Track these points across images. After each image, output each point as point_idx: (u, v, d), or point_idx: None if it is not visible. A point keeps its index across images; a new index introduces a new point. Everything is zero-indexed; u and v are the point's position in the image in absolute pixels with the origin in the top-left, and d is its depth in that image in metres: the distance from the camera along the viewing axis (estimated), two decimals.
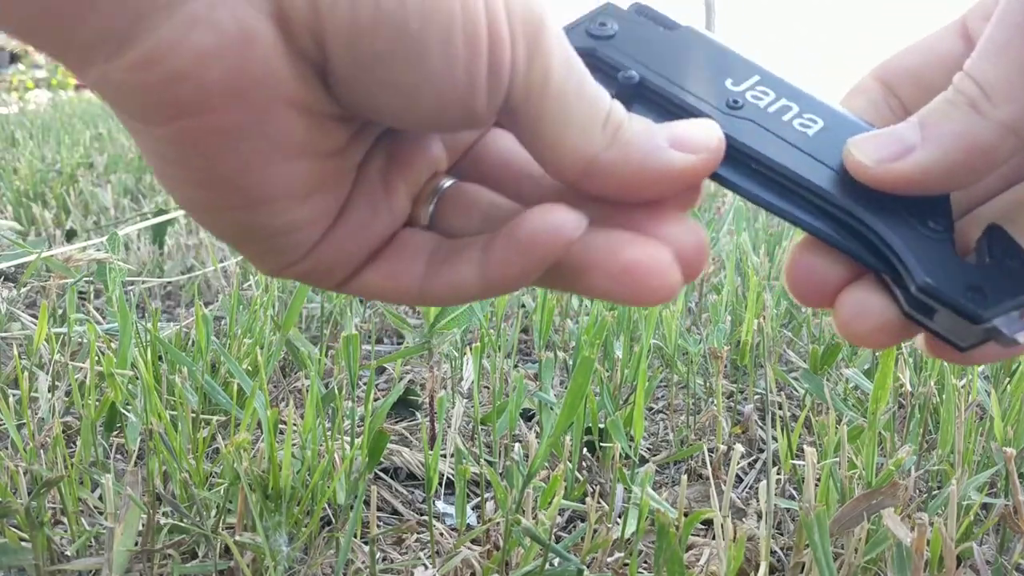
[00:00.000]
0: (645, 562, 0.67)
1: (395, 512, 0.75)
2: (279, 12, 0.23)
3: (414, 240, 0.31)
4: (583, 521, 0.73)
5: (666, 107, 0.31)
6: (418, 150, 0.32)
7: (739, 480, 0.83)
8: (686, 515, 0.62)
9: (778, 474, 0.77)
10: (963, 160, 0.28)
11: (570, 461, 0.70)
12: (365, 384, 0.96)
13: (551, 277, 0.29)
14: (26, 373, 0.79)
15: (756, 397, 0.98)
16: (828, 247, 0.30)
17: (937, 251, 0.29)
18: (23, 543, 0.59)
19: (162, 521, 0.61)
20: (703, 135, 0.29)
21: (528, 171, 0.32)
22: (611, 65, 0.31)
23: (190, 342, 0.96)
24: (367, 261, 0.31)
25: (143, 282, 1.34)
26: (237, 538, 0.59)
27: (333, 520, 0.66)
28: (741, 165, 0.30)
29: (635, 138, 0.28)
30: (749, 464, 0.86)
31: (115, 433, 0.79)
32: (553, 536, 0.64)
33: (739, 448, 0.61)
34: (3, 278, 1.32)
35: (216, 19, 0.23)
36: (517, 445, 0.64)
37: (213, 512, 0.63)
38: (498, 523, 0.64)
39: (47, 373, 0.89)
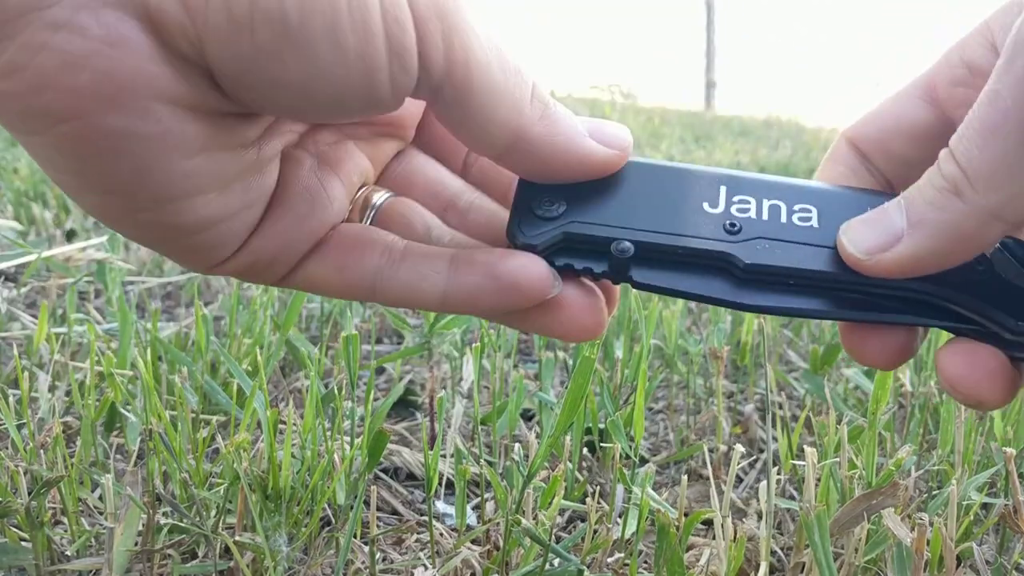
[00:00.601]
0: (645, 562, 0.67)
1: (395, 512, 0.75)
2: (148, 14, 0.23)
3: (366, 234, 0.31)
4: (583, 521, 0.73)
5: (670, 259, 0.29)
6: (343, 155, 0.32)
7: (739, 480, 0.83)
8: (686, 515, 0.62)
9: (778, 474, 0.77)
10: (949, 248, 0.28)
11: (570, 461, 0.70)
12: (365, 384, 0.96)
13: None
14: (26, 373, 0.79)
15: (756, 397, 0.98)
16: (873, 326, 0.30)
17: (998, 287, 0.29)
18: (23, 543, 0.59)
19: (162, 521, 0.61)
20: (620, 133, 0.30)
21: (453, 202, 0.33)
22: (592, 241, 0.30)
23: (190, 342, 0.96)
24: (311, 252, 0.31)
25: (143, 282, 1.34)
26: (237, 538, 0.59)
27: (333, 520, 0.66)
28: (777, 286, 0.29)
29: (562, 118, 0.29)
30: (749, 464, 0.86)
31: (115, 433, 0.79)
32: (553, 536, 0.64)
33: (739, 448, 0.61)
34: (3, 278, 1.32)
35: (79, 24, 0.22)
36: (517, 445, 0.64)
37: (213, 512, 0.63)
38: (498, 523, 0.64)
39: (47, 373, 0.89)
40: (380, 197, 0.34)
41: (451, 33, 0.26)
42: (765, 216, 0.30)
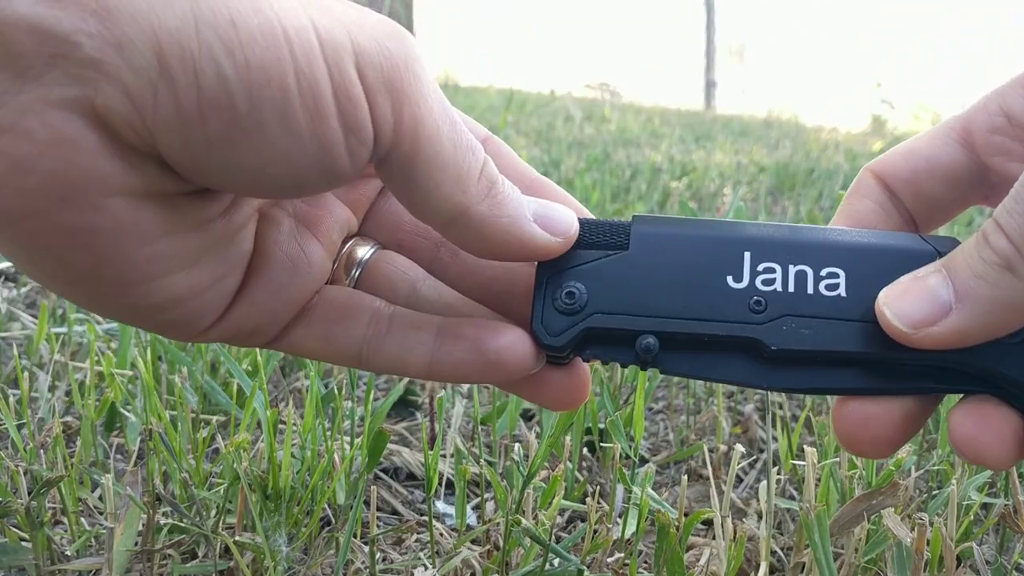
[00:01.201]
0: (645, 562, 0.67)
1: (395, 512, 0.75)
2: (94, 112, 0.23)
3: (351, 302, 0.31)
4: (583, 521, 0.73)
5: (697, 346, 0.29)
6: (322, 211, 0.32)
7: (739, 480, 0.83)
8: (686, 515, 0.62)
9: (778, 474, 0.77)
10: (1001, 321, 0.28)
11: (570, 461, 0.70)
12: (365, 384, 0.96)
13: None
14: (26, 373, 0.79)
15: (756, 397, 0.98)
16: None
17: None
18: (23, 543, 0.59)
19: (162, 521, 0.61)
20: (564, 220, 0.30)
21: (444, 241, 0.33)
22: (616, 334, 0.29)
23: (190, 342, 0.96)
24: (296, 319, 0.31)
25: None
26: (237, 538, 0.59)
27: (333, 520, 0.66)
28: (805, 364, 0.29)
29: (507, 200, 0.28)
30: (749, 464, 0.86)
31: (115, 433, 0.79)
32: (553, 536, 0.64)
33: (739, 448, 0.61)
34: (3, 278, 1.32)
35: (25, 127, 0.22)
36: (517, 445, 0.64)
37: (213, 512, 0.63)
38: (498, 523, 0.64)
39: (47, 373, 0.89)
40: (365, 253, 0.33)
41: (401, 104, 0.25)
42: (791, 288, 0.29)
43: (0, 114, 0.22)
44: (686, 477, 0.62)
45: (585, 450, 0.80)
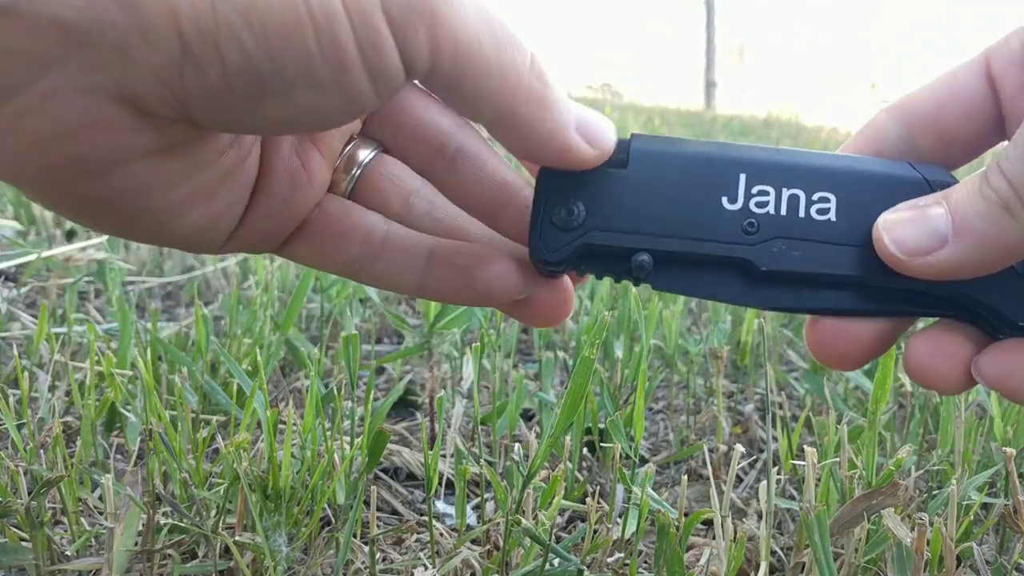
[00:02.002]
0: (645, 562, 0.67)
1: (395, 512, 0.75)
2: (122, 95, 0.23)
3: (346, 219, 0.32)
4: (583, 521, 0.73)
5: (690, 265, 0.30)
6: None
7: (739, 480, 0.83)
8: (686, 515, 0.62)
9: (778, 474, 0.77)
10: (992, 258, 0.29)
11: (570, 461, 0.70)
12: (365, 384, 0.96)
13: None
14: (26, 373, 0.79)
15: (756, 397, 0.98)
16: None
17: (1013, 288, 0.29)
18: (23, 543, 0.59)
19: (162, 521, 0.61)
20: (605, 133, 0.30)
21: (442, 148, 0.33)
22: (611, 251, 0.30)
23: (190, 342, 0.96)
24: (296, 232, 0.32)
25: (143, 282, 1.34)
26: (237, 538, 0.59)
27: (333, 520, 0.66)
28: (793, 285, 0.30)
29: (554, 104, 0.29)
30: (749, 464, 0.86)
31: (115, 433, 0.79)
32: (553, 536, 0.64)
33: (739, 448, 0.61)
34: (3, 278, 1.32)
35: (49, 110, 0.23)
36: (517, 445, 0.64)
37: (213, 512, 0.63)
38: (498, 523, 0.64)
39: (47, 373, 0.89)
40: (365, 156, 0.33)
41: (435, 26, 0.25)
42: (783, 211, 0.30)
43: (25, 98, 0.23)
44: (686, 477, 0.62)
45: (585, 450, 0.80)
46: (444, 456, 0.79)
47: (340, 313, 1.06)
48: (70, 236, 1.62)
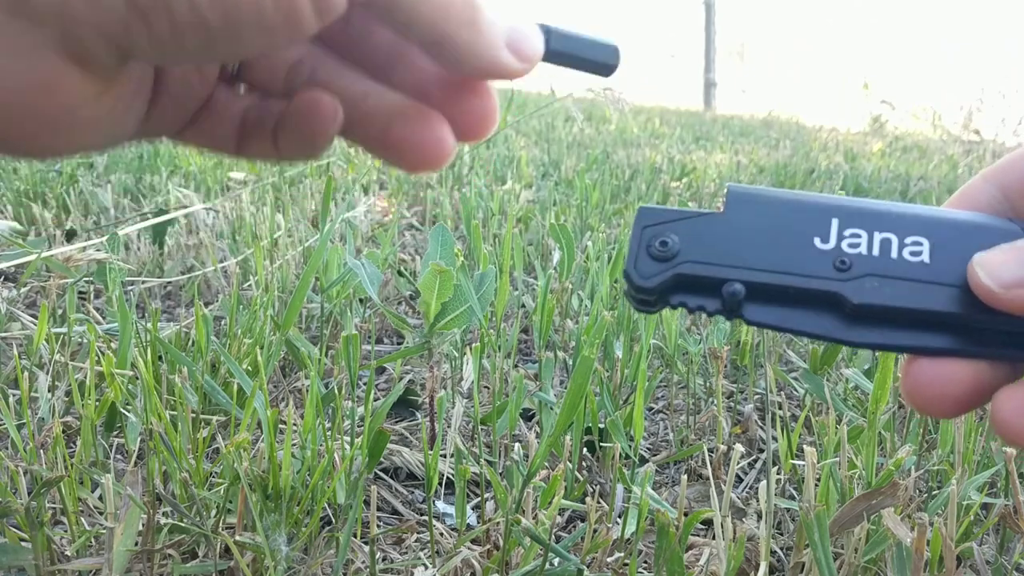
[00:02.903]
0: (645, 562, 0.67)
1: (395, 512, 0.75)
2: (63, 50, 0.24)
3: (227, 107, 0.34)
4: (583, 521, 0.73)
5: (781, 298, 0.30)
6: None
7: (739, 480, 0.83)
8: (686, 515, 0.62)
9: (778, 474, 0.77)
10: None
11: (570, 461, 0.70)
12: (365, 384, 0.96)
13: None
14: (26, 373, 0.79)
15: (756, 397, 0.98)
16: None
17: None
18: (23, 543, 0.59)
19: (162, 521, 0.61)
20: (533, 46, 0.31)
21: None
22: (704, 281, 0.31)
23: (190, 342, 0.96)
24: (189, 123, 0.33)
25: (143, 282, 1.34)
26: (237, 538, 0.59)
27: (333, 520, 0.66)
28: (887, 322, 0.30)
29: (486, 27, 0.30)
30: (749, 464, 0.86)
31: (115, 433, 0.79)
32: (553, 536, 0.64)
33: (739, 448, 0.61)
34: (3, 278, 1.32)
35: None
36: (517, 445, 0.64)
37: (213, 512, 0.63)
38: (498, 523, 0.64)
39: (47, 373, 0.89)
40: None
41: None
42: (876, 252, 0.31)
43: None
44: (686, 477, 0.62)
45: (585, 450, 0.80)
46: (444, 456, 0.79)
47: (340, 313, 1.06)
48: (70, 236, 1.62)
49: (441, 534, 0.68)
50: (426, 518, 0.66)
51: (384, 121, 0.32)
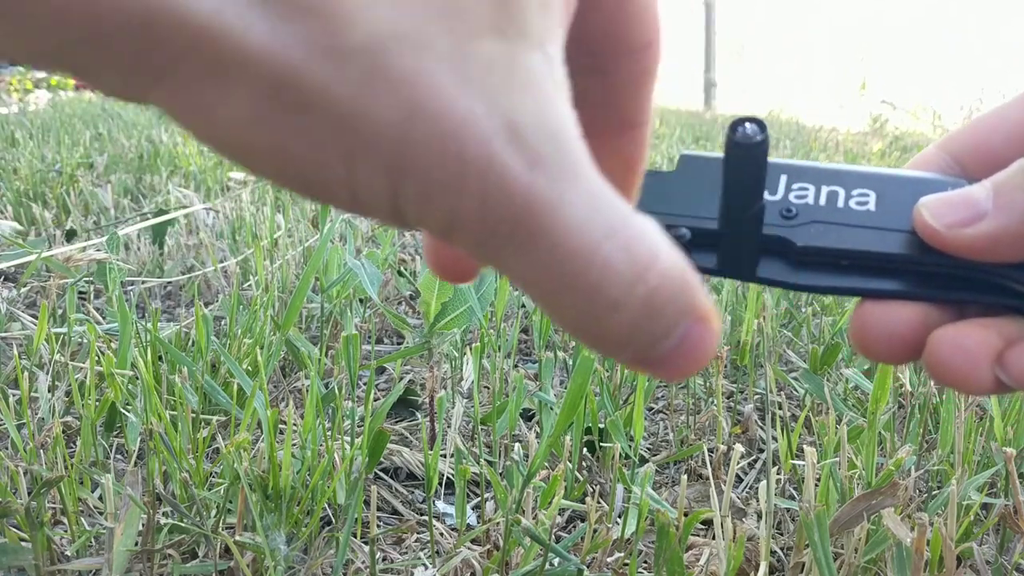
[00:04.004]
0: (645, 562, 0.67)
1: (395, 512, 0.75)
2: None
3: None
4: (583, 521, 0.73)
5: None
6: None
7: (739, 480, 0.83)
8: (686, 515, 0.62)
9: (778, 474, 0.77)
10: None
11: (570, 461, 0.70)
12: (365, 384, 0.96)
13: None
14: (26, 373, 0.79)
15: (756, 397, 0.98)
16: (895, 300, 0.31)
17: None
18: (23, 543, 0.59)
19: (162, 521, 0.61)
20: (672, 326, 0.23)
21: None
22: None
23: (190, 342, 0.96)
24: None
25: (143, 282, 1.34)
26: (237, 538, 0.59)
27: (333, 520, 0.66)
28: (832, 267, 0.30)
29: (615, 332, 0.21)
30: (749, 464, 0.86)
31: (115, 433, 0.79)
32: (553, 536, 0.64)
33: (739, 448, 0.61)
34: (3, 278, 1.32)
35: None
36: (517, 445, 0.64)
37: (213, 512, 0.63)
38: (498, 523, 0.64)
39: (47, 373, 0.89)
40: None
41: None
42: (822, 202, 0.31)
43: None
44: (686, 477, 0.62)
45: (585, 450, 0.80)
46: (444, 456, 0.79)
47: (340, 313, 1.06)
48: (70, 236, 1.62)
49: (441, 534, 0.68)
50: (426, 518, 0.66)
51: None
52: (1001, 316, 0.30)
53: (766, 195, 0.31)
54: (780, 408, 0.92)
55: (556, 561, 0.58)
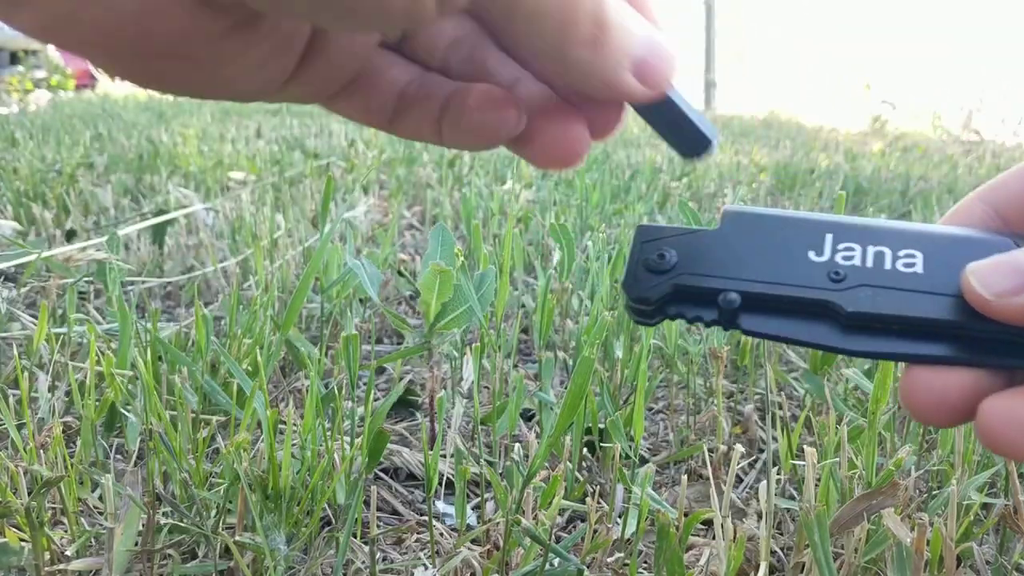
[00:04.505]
0: (645, 562, 0.67)
1: (395, 512, 0.75)
2: None
3: (389, 74, 0.33)
4: (583, 521, 0.73)
5: (777, 308, 0.31)
6: None
7: (739, 480, 0.83)
8: (686, 515, 0.62)
9: (778, 474, 0.77)
10: None
11: (570, 461, 0.70)
12: (365, 384, 0.96)
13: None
14: (26, 373, 0.79)
15: (756, 397, 0.98)
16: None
17: None
18: (23, 543, 0.59)
19: (162, 521, 0.61)
20: (663, 71, 0.29)
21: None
22: (701, 292, 0.31)
23: (190, 342, 0.96)
24: (345, 87, 0.32)
25: (143, 282, 1.34)
26: (237, 538, 0.59)
27: (333, 520, 0.66)
28: (881, 331, 0.30)
29: (610, 49, 0.27)
30: (749, 464, 0.86)
31: (115, 433, 0.79)
32: (553, 536, 0.64)
33: (739, 448, 0.61)
34: (3, 278, 1.32)
35: (106, 0, 0.24)
36: (517, 445, 0.64)
37: (213, 512, 0.63)
38: (498, 523, 0.64)
39: (47, 373, 0.89)
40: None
41: None
42: (869, 264, 0.31)
43: None
44: (686, 477, 0.62)
45: (585, 450, 0.80)
46: (444, 456, 0.79)
47: (340, 313, 1.06)
48: (70, 236, 1.62)
49: (441, 534, 0.68)
50: (426, 518, 0.66)
51: (528, 112, 0.31)
52: None
53: (812, 256, 0.31)
54: (780, 408, 0.92)
55: (556, 561, 0.58)
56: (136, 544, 0.60)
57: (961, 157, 3.83)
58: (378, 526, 0.70)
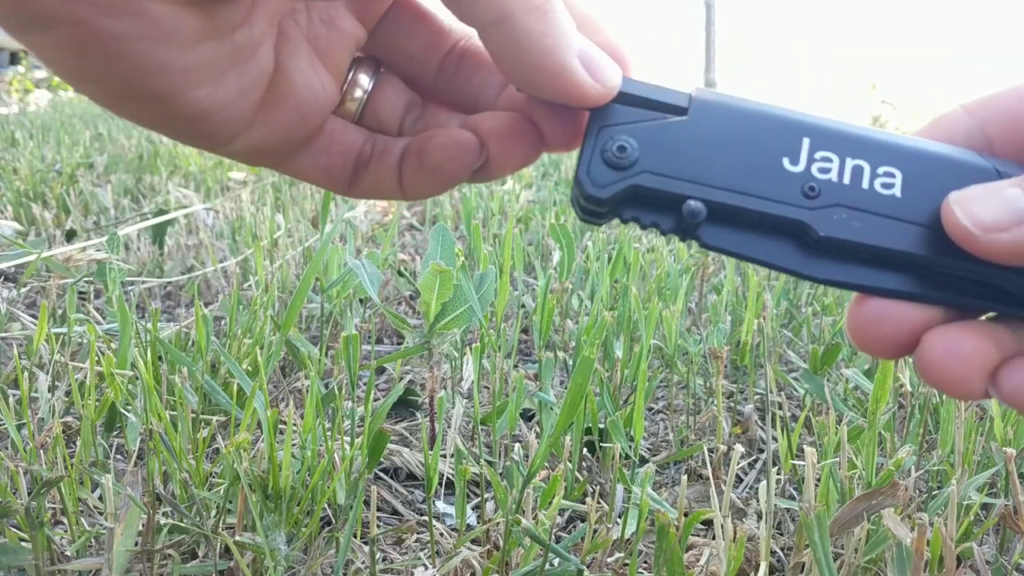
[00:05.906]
0: (645, 562, 0.67)
1: (395, 512, 0.75)
2: None
3: (344, 137, 0.34)
4: (583, 521, 0.73)
5: (743, 222, 0.28)
6: (334, 33, 0.33)
7: (739, 480, 0.83)
8: (686, 515, 0.62)
9: (778, 474, 0.77)
10: None
11: (570, 461, 0.70)
12: (365, 384, 0.96)
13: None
14: (26, 373, 0.79)
15: (756, 397, 0.98)
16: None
17: None
18: (23, 543, 0.59)
19: (162, 521, 0.61)
20: (610, 70, 0.29)
21: (451, 49, 0.34)
22: (662, 196, 0.28)
23: (190, 342, 0.96)
24: (301, 147, 0.33)
25: (143, 282, 1.34)
26: (237, 538, 0.59)
27: (333, 520, 0.66)
28: (849, 258, 0.28)
29: (557, 23, 0.28)
30: (749, 464, 0.86)
31: (115, 433, 0.79)
32: (553, 536, 0.64)
33: (739, 448, 0.61)
34: (3, 278, 1.32)
35: None
36: (517, 445, 0.64)
37: (213, 512, 0.63)
38: (498, 523, 0.64)
39: (47, 373, 0.89)
40: (367, 81, 0.34)
41: None
42: (846, 180, 0.29)
43: None
44: (686, 477, 0.62)
45: (585, 450, 0.80)
46: (444, 456, 0.79)
47: (340, 313, 1.06)
48: (70, 236, 1.62)
49: (441, 534, 0.68)
50: (426, 518, 0.66)
51: (483, 142, 0.32)
52: (997, 323, 0.28)
53: (787, 164, 0.29)
54: (780, 408, 0.92)
55: (556, 561, 0.58)
56: (136, 544, 0.60)
57: None
58: (378, 526, 0.70)
